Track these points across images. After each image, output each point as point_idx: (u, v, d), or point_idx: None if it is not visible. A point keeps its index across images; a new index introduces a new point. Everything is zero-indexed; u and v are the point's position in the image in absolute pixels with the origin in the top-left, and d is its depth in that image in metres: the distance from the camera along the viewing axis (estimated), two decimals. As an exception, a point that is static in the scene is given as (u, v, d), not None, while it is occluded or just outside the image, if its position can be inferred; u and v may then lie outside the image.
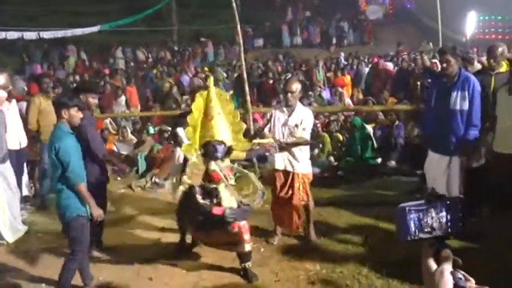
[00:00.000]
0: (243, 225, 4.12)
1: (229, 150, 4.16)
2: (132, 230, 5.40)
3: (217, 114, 4.24)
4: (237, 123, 4.36)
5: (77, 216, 3.73)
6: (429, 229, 1.17)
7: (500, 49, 5.13)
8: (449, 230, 1.19)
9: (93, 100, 4.70)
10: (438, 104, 4.88)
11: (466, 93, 4.66)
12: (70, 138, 3.74)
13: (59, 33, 15.20)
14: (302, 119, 4.72)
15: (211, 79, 4.57)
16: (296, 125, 4.70)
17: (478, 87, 4.69)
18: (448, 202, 1.18)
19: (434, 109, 4.93)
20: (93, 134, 4.63)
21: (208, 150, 4.11)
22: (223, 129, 4.20)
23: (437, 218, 1.17)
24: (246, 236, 4.14)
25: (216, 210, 3.95)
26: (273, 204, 5.01)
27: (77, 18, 20.83)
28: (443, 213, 1.18)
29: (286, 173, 4.81)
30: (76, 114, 3.80)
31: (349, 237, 5.05)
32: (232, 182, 4.17)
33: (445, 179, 4.88)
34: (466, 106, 4.66)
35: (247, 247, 4.18)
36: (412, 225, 1.16)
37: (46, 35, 14.79)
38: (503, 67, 5.17)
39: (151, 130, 9.76)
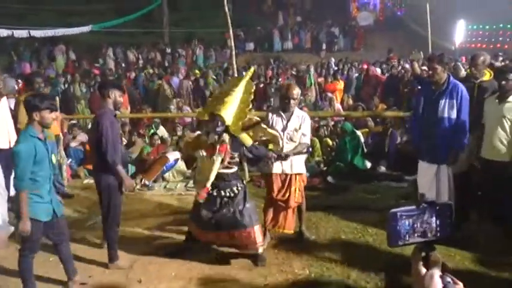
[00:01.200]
0: (257, 228, 4.35)
1: (226, 129, 4.31)
2: (121, 233, 5.37)
3: (234, 95, 4.37)
4: (243, 112, 4.42)
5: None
6: (419, 234, 1.20)
7: (481, 58, 5.20)
8: (439, 235, 1.22)
9: (119, 99, 4.61)
10: (426, 112, 4.94)
11: (454, 101, 4.71)
12: (28, 144, 3.67)
13: (50, 32, 15.09)
14: (300, 123, 4.78)
15: (253, 69, 4.90)
16: (295, 130, 4.77)
17: (466, 95, 4.75)
18: (437, 208, 1.21)
19: (422, 117, 4.99)
20: (113, 136, 4.43)
21: (213, 121, 4.30)
22: (230, 110, 4.30)
23: (427, 224, 1.20)
24: (259, 239, 4.35)
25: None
26: (267, 207, 5.02)
27: (67, 18, 20.69)
28: (433, 219, 1.21)
29: (283, 175, 4.85)
30: (48, 116, 3.78)
31: (338, 241, 5.09)
32: (220, 158, 4.26)
33: (434, 187, 4.93)
34: (454, 114, 4.72)
35: (260, 249, 4.42)
36: (402, 230, 1.19)
37: (37, 33, 14.66)
38: (487, 76, 5.25)
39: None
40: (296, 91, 4.82)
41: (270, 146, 4.87)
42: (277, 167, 4.81)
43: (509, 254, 4.47)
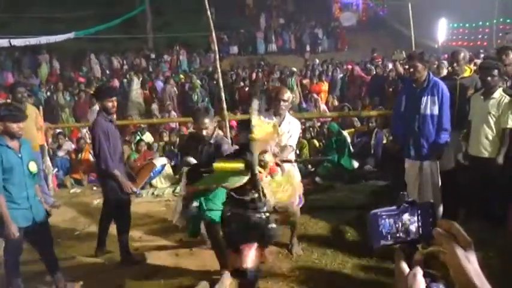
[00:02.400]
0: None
1: None
2: (108, 241, 5.33)
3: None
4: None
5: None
6: (401, 234, 1.21)
7: (462, 54, 5.25)
8: (421, 234, 1.23)
9: (111, 104, 4.64)
10: (408, 110, 4.98)
11: (436, 98, 4.76)
12: None
13: (32, 41, 14.87)
14: (290, 128, 4.62)
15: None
16: (283, 133, 4.54)
17: (446, 91, 4.81)
18: (418, 207, 1.22)
19: (405, 115, 5.03)
20: (102, 140, 4.53)
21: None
22: None
23: (408, 223, 1.21)
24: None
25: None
26: None
27: (50, 25, 20.45)
28: (415, 218, 1.21)
29: None
30: (11, 126, 3.81)
31: (327, 242, 5.10)
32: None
33: (417, 185, 4.98)
34: (436, 111, 4.77)
35: None
36: (384, 230, 1.19)
37: (18, 42, 14.43)
38: (467, 72, 5.31)
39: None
40: (287, 94, 4.67)
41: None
42: None
43: (495, 250, 4.52)
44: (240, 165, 3.26)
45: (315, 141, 8.72)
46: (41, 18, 21.49)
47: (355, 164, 7.91)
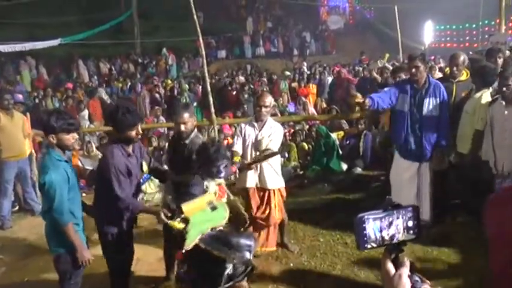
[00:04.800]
0: None
1: None
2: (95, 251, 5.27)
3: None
4: None
5: (64, 252, 3.35)
6: (387, 236, 1.23)
7: (461, 58, 5.27)
8: (406, 236, 1.25)
9: (134, 132, 3.57)
10: (410, 111, 4.93)
11: (438, 99, 4.80)
12: (58, 169, 3.23)
13: (17, 47, 14.76)
14: (271, 133, 4.63)
15: None
16: (263, 137, 4.60)
17: (445, 93, 4.86)
18: (403, 210, 1.25)
19: (406, 116, 4.97)
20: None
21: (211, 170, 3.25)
22: None
23: (394, 226, 1.23)
24: None
25: None
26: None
27: (36, 31, 20.31)
28: (400, 221, 1.24)
29: (261, 191, 4.68)
30: (65, 138, 3.29)
31: (317, 244, 5.12)
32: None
33: (414, 185, 5.00)
34: (437, 112, 4.81)
35: None
36: (370, 233, 1.21)
37: (3, 48, 14.32)
38: (464, 75, 5.35)
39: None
40: (268, 99, 4.67)
41: (236, 159, 4.50)
42: (251, 181, 4.62)
43: (483, 248, 4.57)
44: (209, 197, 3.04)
45: (304, 144, 8.75)
46: (26, 24, 21.31)
47: (344, 167, 7.94)
